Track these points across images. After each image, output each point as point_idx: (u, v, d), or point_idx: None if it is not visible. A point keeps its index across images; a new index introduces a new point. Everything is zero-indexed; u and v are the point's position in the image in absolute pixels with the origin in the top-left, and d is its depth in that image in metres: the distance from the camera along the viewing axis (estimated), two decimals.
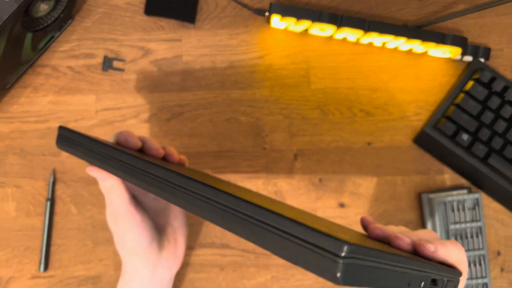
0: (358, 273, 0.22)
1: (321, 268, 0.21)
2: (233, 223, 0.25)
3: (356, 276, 0.22)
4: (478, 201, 0.55)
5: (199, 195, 0.28)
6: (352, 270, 0.21)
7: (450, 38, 0.56)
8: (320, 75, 0.59)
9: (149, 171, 0.32)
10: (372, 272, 0.23)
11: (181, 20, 0.59)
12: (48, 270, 0.56)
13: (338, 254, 0.21)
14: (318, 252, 0.21)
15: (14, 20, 0.49)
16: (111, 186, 0.42)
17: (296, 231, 0.22)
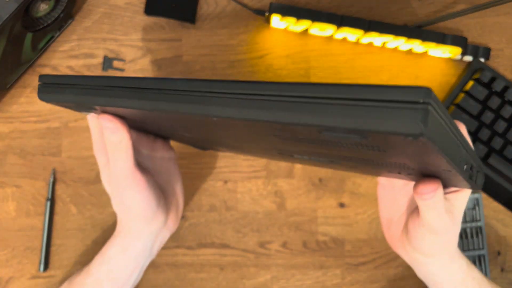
0: (437, 127, 0.19)
1: (397, 122, 0.18)
2: (297, 110, 0.21)
3: (436, 130, 0.19)
4: (478, 201, 0.55)
5: (239, 94, 0.22)
6: (433, 120, 0.19)
7: (450, 38, 0.56)
8: (320, 75, 0.59)
9: (168, 87, 0.25)
10: (444, 132, 0.21)
11: (181, 20, 0.59)
12: (48, 270, 0.56)
13: (417, 101, 0.18)
14: (391, 106, 0.19)
15: (14, 20, 0.49)
16: (120, 142, 0.36)
17: (361, 93, 0.20)
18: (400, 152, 0.24)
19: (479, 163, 0.30)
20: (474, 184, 0.29)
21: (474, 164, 0.28)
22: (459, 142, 0.24)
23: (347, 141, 0.23)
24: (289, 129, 0.23)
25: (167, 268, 0.56)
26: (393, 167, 0.30)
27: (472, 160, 0.28)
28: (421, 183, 0.31)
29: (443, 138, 0.21)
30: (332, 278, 0.57)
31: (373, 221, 0.58)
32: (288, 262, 0.57)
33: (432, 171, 0.29)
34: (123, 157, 0.37)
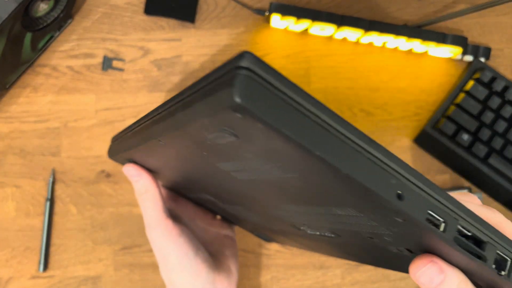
0: (267, 96, 0.16)
1: (216, 97, 0.16)
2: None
3: (264, 100, 0.15)
4: None
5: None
6: (255, 86, 0.16)
7: (450, 38, 0.56)
8: (320, 75, 0.59)
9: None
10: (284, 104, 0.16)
11: (181, 20, 0.59)
12: (47, 270, 0.56)
13: (235, 66, 0.16)
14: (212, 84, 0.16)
15: (14, 19, 0.49)
16: (146, 191, 0.37)
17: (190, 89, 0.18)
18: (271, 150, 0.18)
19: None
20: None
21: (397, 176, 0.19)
22: (327, 125, 0.17)
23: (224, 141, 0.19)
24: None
25: None
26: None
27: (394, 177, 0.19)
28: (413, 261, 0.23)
29: (283, 112, 0.16)
30: (332, 278, 0.57)
31: None
32: (288, 262, 0.57)
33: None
34: (152, 206, 0.38)
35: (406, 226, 0.20)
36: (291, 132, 0.16)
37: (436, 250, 0.21)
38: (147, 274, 0.56)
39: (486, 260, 0.21)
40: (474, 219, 0.21)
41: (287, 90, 0.16)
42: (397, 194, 0.18)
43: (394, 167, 0.18)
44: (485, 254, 0.21)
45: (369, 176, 0.18)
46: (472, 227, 0.21)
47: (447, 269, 0.22)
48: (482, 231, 0.21)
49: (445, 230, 0.19)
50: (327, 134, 0.17)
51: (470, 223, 0.20)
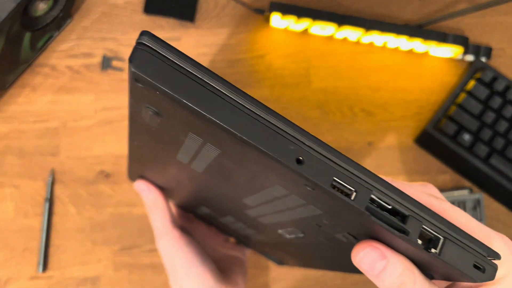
0: (160, 65, 0.18)
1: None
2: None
3: (159, 70, 0.18)
4: (479, 202, 0.55)
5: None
6: (149, 57, 0.18)
7: (451, 38, 0.56)
8: (320, 75, 0.59)
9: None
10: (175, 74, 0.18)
11: (181, 19, 0.59)
12: (46, 271, 0.56)
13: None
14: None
15: (13, 19, 0.48)
16: (155, 203, 0.40)
17: None
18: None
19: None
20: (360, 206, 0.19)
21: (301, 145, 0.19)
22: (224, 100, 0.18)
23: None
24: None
25: None
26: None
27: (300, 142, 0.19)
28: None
29: (176, 80, 0.18)
30: (333, 279, 0.57)
31: None
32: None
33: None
34: (160, 217, 0.40)
35: (322, 198, 0.20)
36: (184, 96, 0.18)
37: (378, 236, 0.21)
38: (146, 274, 0.56)
39: (408, 233, 0.20)
40: (394, 192, 0.20)
41: (181, 61, 0.18)
42: (297, 159, 0.19)
43: (294, 134, 0.19)
44: (406, 227, 0.20)
45: (266, 141, 0.18)
46: (391, 200, 0.20)
47: (389, 255, 0.21)
48: (404, 204, 0.20)
49: (355, 199, 0.19)
50: (223, 101, 0.18)
51: (387, 194, 0.20)
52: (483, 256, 0.21)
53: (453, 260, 0.21)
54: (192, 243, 0.41)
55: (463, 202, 0.55)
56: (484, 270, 0.21)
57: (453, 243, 0.21)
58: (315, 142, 0.19)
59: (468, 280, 0.21)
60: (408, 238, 0.20)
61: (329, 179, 0.19)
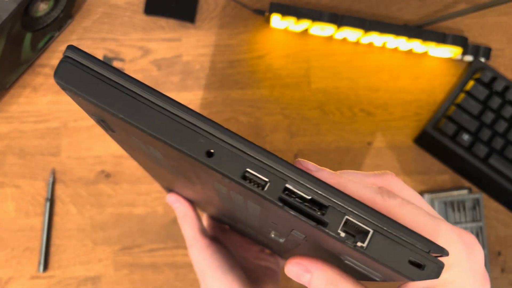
0: (79, 74, 0.19)
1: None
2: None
3: (77, 77, 0.19)
4: (478, 201, 0.55)
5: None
6: (70, 68, 0.19)
7: (450, 38, 0.56)
8: (320, 75, 0.59)
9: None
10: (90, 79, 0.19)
11: (181, 20, 0.59)
12: (47, 271, 0.56)
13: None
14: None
15: (14, 19, 0.49)
16: (184, 214, 0.43)
17: None
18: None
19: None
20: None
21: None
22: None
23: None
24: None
25: (167, 268, 0.56)
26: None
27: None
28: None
29: (90, 85, 0.19)
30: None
31: None
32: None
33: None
34: (189, 227, 0.43)
35: (245, 193, 0.19)
36: (97, 98, 0.19)
37: (314, 233, 0.20)
38: (147, 274, 0.56)
39: (326, 224, 0.18)
40: (312, 182, 0.19)
41: (100, 68, 0.19)
42: (207, 151, 0.19)
43: (205, 128, 0.19)
44: (324, 218, 0.18)
45: (176, 136, 0.19)
46: (309, 190, 0.19)
47: (314, 269, 0.23)
48: (324, 194, 0.19)
49: (268, 189, 0.19)
50: (135, 101, 0.19)
51: (303, 184, 0.19)
52: (423, 251, 0.19)
53: (383, 255, 0.18)
54: (220, 252, 0.43)
55: (462, 202, 0.55)
56: (424, 267, 0.18)
57: (385, 237, 0.18)
58: (227, 134, 0.19)
59: (406, 278, 0.19)
60: (326, 230, 0.18)
61: (240, 171, 0.19)
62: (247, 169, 0.19)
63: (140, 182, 0.57)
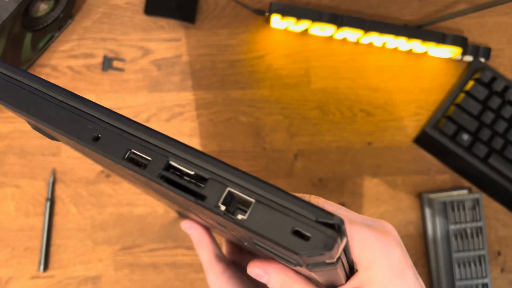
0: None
1: None
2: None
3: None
4: (478, 201, 0.55)
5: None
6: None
7: (450, 38, 0.56)
8: (320, 75, 0.59)
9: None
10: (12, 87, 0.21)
11: (181, 20, 0.59)
12: (47, 270, 0.56)
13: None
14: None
15: (14, 19, 0.49)
16: (200, 239, 0.43)
17: None
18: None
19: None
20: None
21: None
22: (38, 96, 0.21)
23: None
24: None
25: (167, 268, 0.56)
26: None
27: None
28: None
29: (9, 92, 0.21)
30: None
31: None
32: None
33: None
34: (205, 252, 0.43)
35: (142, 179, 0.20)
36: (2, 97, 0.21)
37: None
38: (147, 274, 0.56)
39: (204, 198, 0.17)
40: (194, 156, 0.18)
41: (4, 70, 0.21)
42: (93, 136, 0.19)
43: (93, 114, 0.20)
44: (203, 192, 0.17)
45: (65, 123, 0.20)
46: (191, 164, 0.18)
47: (271, 271, 0.26)
48: (205, 167, 0.18)
49: (149, 167, 0.18)
50: (31, 94, 0.20)
51: (185, 159, 0.18)
52: (309, 220, 0.16)
53: (264, 227, 0.16)
54: (237, 277, 0.43)
55: (462, 202, 0.55)
56: (309, 238, 0.16)
57: (267, 207, 0.16)
58: (114, 118, 0.20)
59: (291, 253, 0.16)
60: (204, 204, 0.17)
61: (123, 152, 0.19)
62: (131, 150, 0.19)
63: None
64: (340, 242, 0.16)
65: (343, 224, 0.16)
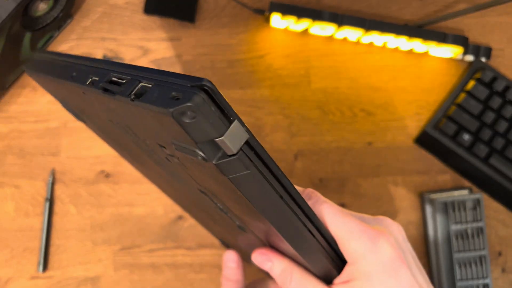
0: None
1: None
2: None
3: None
4: (479, 201, 0.55)
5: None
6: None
7: (451, 38, 0.56)
8: (320, 75, 0.59)
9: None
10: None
11: (181, 19, 0.59)
12: (47, 271, 0.56)
13: None
14: None
15: (13, 19, 0.49)
16: (230, 276, 0.41)
17: None
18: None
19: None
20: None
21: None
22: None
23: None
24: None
25: (167, 268, 0.56)
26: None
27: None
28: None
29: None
30: None
31: None
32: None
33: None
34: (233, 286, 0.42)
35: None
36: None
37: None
38: (146, 274, 0.56)
39: (115, 93, 0.21)
40: (124, 67, 0.22)
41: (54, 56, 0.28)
42: (70, 76, 0.25)
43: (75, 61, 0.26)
44: (120, 89, 0.21)
45: (56, 70, 0.27)
46: (124, 75, 0.21)
47: (274, 259, 0.29)
48: (129, 73, 0.21)
49: (92, 82, 0.23)
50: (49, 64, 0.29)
51: (122, 72, 0.22)
52: (185, 86, 0.18)
53: (151, 100, 0.18)
54: None
55: (463, 202, 0.55)
56: (179, 98, 0.17)
57: (159, 86, 0.19)
58: (88, 60, 0.26)
59: (165, 116, 0.18)
60: (116, 96, 0.21)
61: (87, 80, 0.24)
62: (92, 77, 0.23)
63: (140, 182, 0.57)
64: (209, 103, 0.18)
65: (212, 85, 0.18)
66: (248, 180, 0.20)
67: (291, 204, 0.23)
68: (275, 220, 0.23)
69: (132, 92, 0.20)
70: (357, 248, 0.26)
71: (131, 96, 0.20)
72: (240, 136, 0.19)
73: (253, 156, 0.20)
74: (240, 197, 0.21)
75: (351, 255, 0.27)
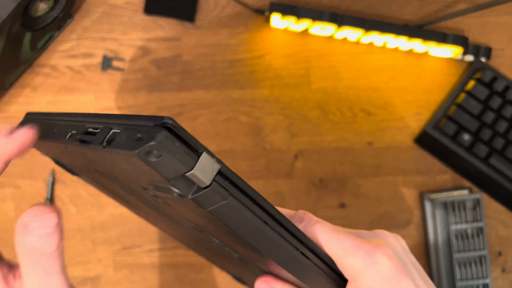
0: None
1: None
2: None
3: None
4: (479, 201, 0.55)
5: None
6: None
7: (451, 38, 0.56)
8: (320, 75, 0.59)
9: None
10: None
11: (181, 19, 0.59)
12: None
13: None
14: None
15: (13, 19, 0.49)
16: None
17: None
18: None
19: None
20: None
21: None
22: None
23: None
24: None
25: (167, 268, 0.56)
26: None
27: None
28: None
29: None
30: None
31: (374, 221, 0.57)
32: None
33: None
34: None
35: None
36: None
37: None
38: (146, 274, 0.56)
39: (89, 143, 0.21)
40: (99, 117, 0.22)
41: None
42: (52, 132, 0.26)
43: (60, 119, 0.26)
44: (94, 138, 0.21)
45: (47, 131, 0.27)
46: (97, 124, 0.22)
47: (277, 286, 0.28)
48: (95, 121, 0.22)
49: (71, 136, 0.24)
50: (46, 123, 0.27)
51: (96, 122, 0.22)
52: (148, 127, 0.19)
53: (119, 145, 0.19)
54: None
55: (463, 202, 0.55)
56: (142, 139, 0.18)
57: (127, 130, 0.20)
58: (66, 116, 0.26)
59: (133, 158, 0.18)
60: (91, 144, 0.21)
61: (65, 134, 0.24)
62: (71, 131, 0.24)
63: None
64: (172, 139, 0.18)
65: (174, 121, 0.18)
66: (228, 210, 0.20)
67: (278, 229, 0.23)
68: (265, 247, 0.23)
69: (104, 139, 0.20)
70: (354, 264, 0.26)
71: (103, 144, 0.20)
72: (211, 167, 0.19)
73: (227, 185, 0.20)
74: (226, 228, 0.21)
75: (350, 272, 0.26)
